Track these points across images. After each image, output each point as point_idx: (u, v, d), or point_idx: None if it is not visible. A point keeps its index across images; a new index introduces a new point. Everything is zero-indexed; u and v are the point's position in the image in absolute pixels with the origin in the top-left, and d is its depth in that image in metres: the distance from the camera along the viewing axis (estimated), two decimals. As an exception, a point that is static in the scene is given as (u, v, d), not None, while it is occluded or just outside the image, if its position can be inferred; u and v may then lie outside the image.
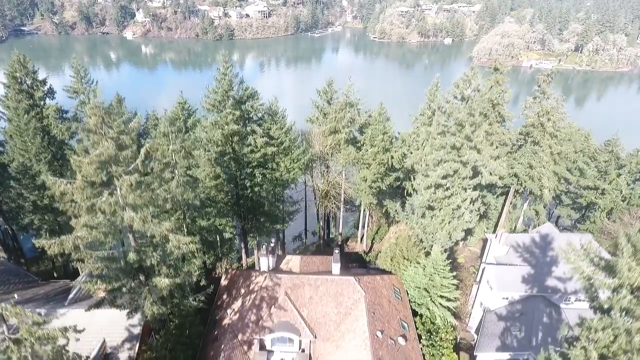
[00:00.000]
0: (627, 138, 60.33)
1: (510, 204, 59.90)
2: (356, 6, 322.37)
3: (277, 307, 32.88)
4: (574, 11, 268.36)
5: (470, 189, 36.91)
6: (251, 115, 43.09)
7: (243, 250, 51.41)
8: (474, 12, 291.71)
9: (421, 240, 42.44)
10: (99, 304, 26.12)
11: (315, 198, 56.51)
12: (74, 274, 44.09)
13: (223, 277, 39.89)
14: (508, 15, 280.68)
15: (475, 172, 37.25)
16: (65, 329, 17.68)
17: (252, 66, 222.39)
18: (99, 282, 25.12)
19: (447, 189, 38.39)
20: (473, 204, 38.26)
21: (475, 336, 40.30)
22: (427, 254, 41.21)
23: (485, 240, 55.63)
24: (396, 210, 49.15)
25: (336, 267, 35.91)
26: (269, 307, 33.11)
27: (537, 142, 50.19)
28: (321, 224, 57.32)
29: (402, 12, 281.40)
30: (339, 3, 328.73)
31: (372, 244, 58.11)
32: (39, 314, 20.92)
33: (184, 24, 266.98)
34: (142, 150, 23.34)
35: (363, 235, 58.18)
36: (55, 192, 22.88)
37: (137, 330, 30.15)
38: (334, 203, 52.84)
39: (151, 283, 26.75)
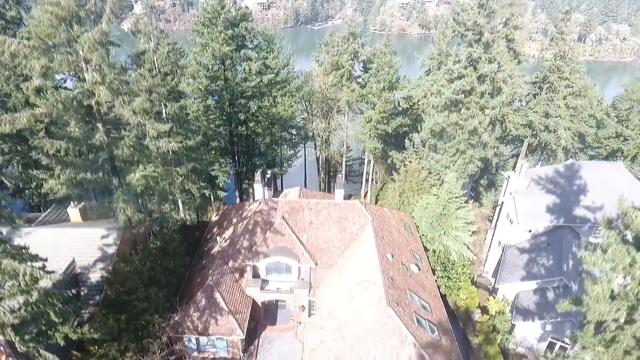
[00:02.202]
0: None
1: (521, 167, 56.34)
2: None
3: (272, 232, 28.91)
4: (577, 3, 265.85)
5: (489, 108, 33.13)
6: (245, 42, 39.41)
7: (237, 200, 47.62)
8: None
9: (433, 176, 38.60)
10: (62, 200, 22.18)
11: (315, 148, 52.69)
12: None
13: (214, 213, 36.03)
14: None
15: (495, 89, 33.52)
16: None
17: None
18: (62, 174, 21.15)
19: (462, 113, 34.64)
20: (492, 127, 34.49)
21: (492, 280, 36.44)
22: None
23: (495, 203, 52.03)
24: (404, 157, 45.21)
25: (339, 194, 31.95)
26: (264, 232, 29.17)
27: (554, 90, 47.07)
28: (322, 175, 53.46)
29: (402, 4, 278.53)
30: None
31: (377, 200, 54.21)
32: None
33: (182, 16, 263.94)
34: (109, 5, 19.55)
35: (367, 192, 54.34)
36: (4, 53, 19.18)
37: (111, 250, 26.22)
38: (336, 149, 49.04)
39: (124, 181, 22.95)
